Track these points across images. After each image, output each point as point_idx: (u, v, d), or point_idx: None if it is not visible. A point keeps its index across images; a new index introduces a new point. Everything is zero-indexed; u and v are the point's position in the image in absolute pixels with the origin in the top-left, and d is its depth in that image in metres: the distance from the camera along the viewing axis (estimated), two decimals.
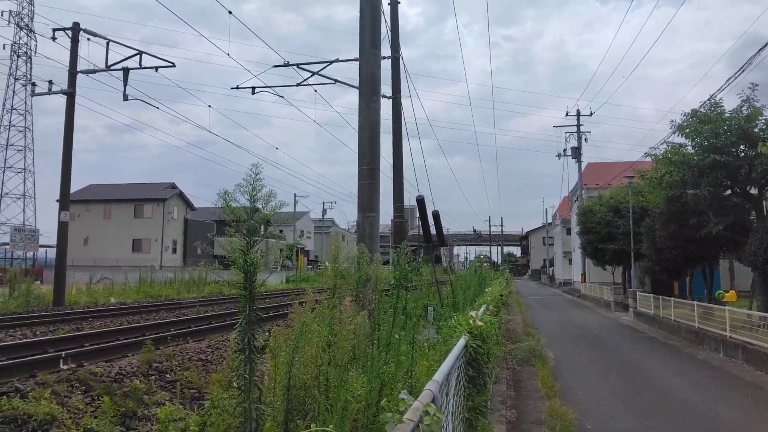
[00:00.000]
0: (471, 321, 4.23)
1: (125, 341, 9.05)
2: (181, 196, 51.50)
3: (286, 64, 19.82)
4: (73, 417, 5.07)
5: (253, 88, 20.65)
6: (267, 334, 4.99)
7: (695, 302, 14.79)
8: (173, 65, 21.08)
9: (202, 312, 14.86)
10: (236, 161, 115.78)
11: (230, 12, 16.71)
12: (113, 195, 49.30)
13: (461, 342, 3.72)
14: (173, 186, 51.26)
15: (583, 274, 36.05)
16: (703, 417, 6.90)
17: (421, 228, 14.00)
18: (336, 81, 20.15)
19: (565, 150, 38.84)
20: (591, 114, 38.66)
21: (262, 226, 4.55)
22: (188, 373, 6.72)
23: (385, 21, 17.97)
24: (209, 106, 47.63)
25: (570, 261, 49.53)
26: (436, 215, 16.72)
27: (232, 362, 5.13)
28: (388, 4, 18.05)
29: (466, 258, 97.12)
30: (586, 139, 38.01)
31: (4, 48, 46.64)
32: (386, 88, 17.68)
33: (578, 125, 38.09)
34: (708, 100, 14.76)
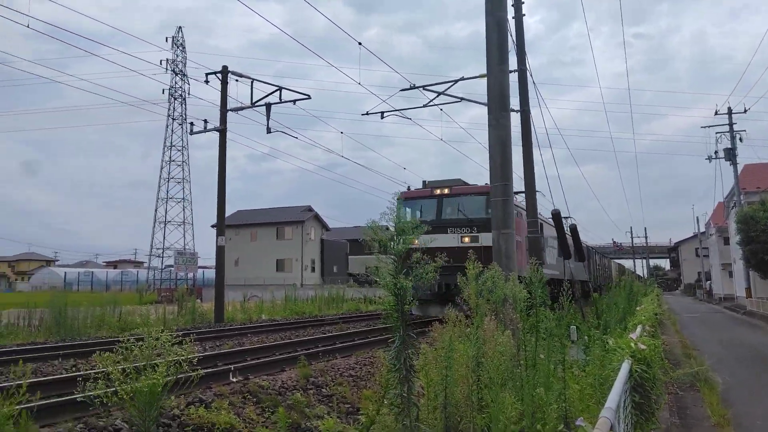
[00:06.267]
0: (633, 344, 4.03)
1: (281, 356, 9.79)
2: (317, 217, 54.74)
3: (412, 87, 20.34)
4: (249, 427, 5.63)
5: (382, 112, 21.44)
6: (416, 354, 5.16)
7: None
8: (309, 97, 22.61)
9: (345, 329, 15.58)
10: (364, 182, 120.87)
11: (360, 43, 17.65)
12: (258, 219, 53.77)
13: (626, 366, 3.58)
14: (309, 209, 54.62)
15: (748, 288, 32.09)
16: None
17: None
18: (462, 99, 20.25)
19: (716, 152, 35.16)
20: (745, 111, 34.62)
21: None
22: (341, 388, 7.13)
23: (510, 35, 17.79)
24: (341, 132, 50.17)
25: (730, 274, 44.35)
26: (573, 229, 16.05)
27: (385, 381, 5.36)
28: (512, 18, 17.85)
29: None
30: (741, 139, 34.10)
31: (163, 92, 53.31)
32: (513, 101, 17.42)
33: (730, 124, 34.32)
34: None
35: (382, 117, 21.63)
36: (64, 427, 5.24)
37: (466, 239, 14.75)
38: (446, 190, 15.66)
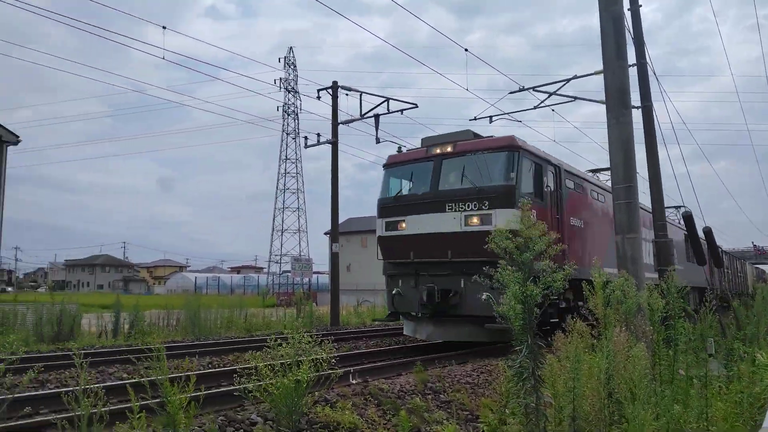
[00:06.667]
0: None
1: (396, 360, 9.95)
2: None
3: (522, 89, 19.79)
4: (371, 428, 5.79)
5: (491, 116, 21.06)
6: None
7: None
8: (416, 106, 22.80)
9: None
10: None
11: (466, 50, 17.60)
12: (368, 226, 55.13)
13: None
14: None
15: None
16: None
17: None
18: (575, 98, 19.37)
19: None
20: None
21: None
22: (459, 395, 7.11)
23: (627, 29, 16.76)
24: None
25: None
26: (708, 232, 14.71)
27: (506, 390, 5.26)
28: (628, 9, 16.80)
29: None
30: None
31: (278, 109, 56.71)
32: (632, 96, 16.37)
33: None
34: None
35: (491, 121, 21.24)
36: (207, 418, 5.72)
37: (474, 220, 9.94)
38: (449, 148, 10.91)
